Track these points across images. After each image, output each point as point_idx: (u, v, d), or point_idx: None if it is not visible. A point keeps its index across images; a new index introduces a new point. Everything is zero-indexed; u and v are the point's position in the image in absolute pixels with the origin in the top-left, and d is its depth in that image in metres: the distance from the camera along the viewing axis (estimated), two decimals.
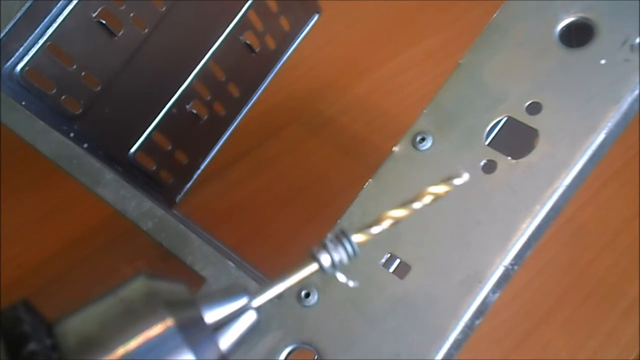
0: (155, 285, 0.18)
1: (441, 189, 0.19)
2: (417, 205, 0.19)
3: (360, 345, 0.24)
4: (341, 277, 0.19)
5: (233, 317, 0.18)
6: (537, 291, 0.44)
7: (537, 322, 0.43)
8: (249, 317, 0.19)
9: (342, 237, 0.19)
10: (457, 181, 0.19)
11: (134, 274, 0.18)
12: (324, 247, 0.19)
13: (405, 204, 0.19)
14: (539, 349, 0.42)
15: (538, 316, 0.43)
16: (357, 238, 0.19)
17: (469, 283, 0.24)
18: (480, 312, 0.23)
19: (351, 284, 0.19)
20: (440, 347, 0.23)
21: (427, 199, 0.19)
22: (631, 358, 0.41)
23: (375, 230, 0.19)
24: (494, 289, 0.24)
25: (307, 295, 0.25)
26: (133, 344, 0.16)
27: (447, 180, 0.19)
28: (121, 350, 0.16)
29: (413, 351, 0.23)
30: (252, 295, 0.19)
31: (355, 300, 0.24)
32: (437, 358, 0.23)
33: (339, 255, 0.19)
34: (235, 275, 0.26)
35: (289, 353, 0.24)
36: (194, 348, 0.17)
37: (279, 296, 0.19)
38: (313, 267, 0.19)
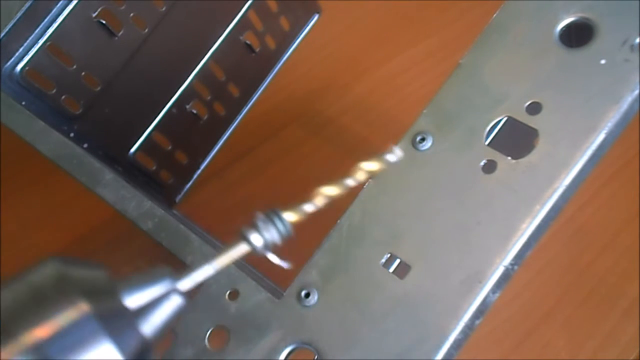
0: (68, 270, 0.17)
1: (373, 165, 0.19)
2: (350, 182, 0.19)
3: (360, 345, 0.24)
4: (273, 258, 0.18)
5: (157, 302, 0.18)
6: (537, 291, 0.44)
7: (537, 322, 0.43)
8: (174, 302, 0.18)
9: (273, 215, 0.18)
10: (390, 157, 0.19)
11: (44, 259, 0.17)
12: (255, 227, 0.18)
13: (338, 181, 0.19)
14: (539, 349, 0.42)
15: (538, 316, 0.43)
16: (290, 217, 0.18)
17: (469, 283, 0.24)
18: (480, 312, 0.23)
19: (285, 265, 0.19)
20: (440, 347, 0.23)
21: (361, 176, 0.19)
22: (631, 358, 0.41)
23: (308, 208, 0.19)
24: (494, 289, 0.24)
25: (307, 295, 0.25)
26: (43, 331, 0.15)
27: (379, 157, 0.19)
28: (30, 338, 0.15)
29: (413, 351, 0.23)
30: (177, 278, 0.18)
31: (355, 300, 0.24)
32: (437, 358, 0.23)
33: (271, 234, 0.18)
34: (235, 275, 0.26)
35: (289, 353, 0.24)
36: (112, 334, 0.16)
37: (211, 278, 0.18)
38: (243, 247, 0.18)
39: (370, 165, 0.19)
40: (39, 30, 0.34)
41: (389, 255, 0.25)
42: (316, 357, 0.24)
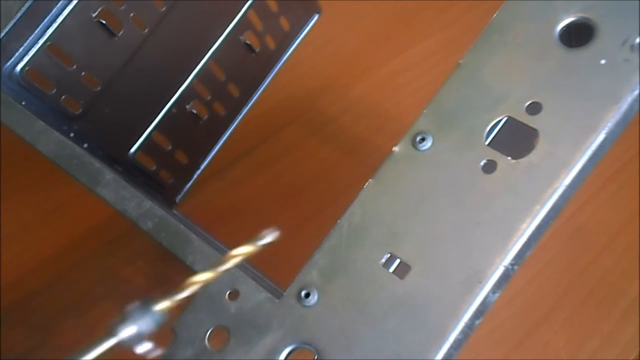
0: None
1: (246, 249, 0.20)
2: (224, 267, 0.20)
3: (360, 345, 0.24)
4: (144, 348, 0.18)
5: None
6: (537, 291, 0.44)
7: (537, 322, 0.43)
8: None
9: (144, 307, 0.18)
10: (262, 242, 0.20)
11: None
12: (125, 319, 0.18)
13: (212, 266, 0.20)
14: (539, 349, 0.42)
15: (538, 316, 0.43)
16: (162, 306, 0.19)
17: (469, 283, 0.24)
18: (480, 312, 0.23)
19: (157, 353, 0.19)
20: (440, 347, 0.23)
21: (235, 260, 0.20)
22: (631, 358, 0.41)
23: (181, 295, 0.19)
24: (494, 289, 0.24)
25: (307, 295, 0.25)
26: None
27: (253, 241, 0.20)
28: None
29: (413, 351, 0.23)
30: None
31: (355, 300, 0.24)
32: (437, 358, 0.23)
33: (141, 327, 0.18)
34: (235, 275, 0.26)
35: (289, 353, 0.24)
36: None
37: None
38: (111, 341, 0.18)
39: (243, 249, 0.20)
40: (39, 30, 0.34)
41: (389, 255, 0.25)
42: (316, 357, 0.24)
